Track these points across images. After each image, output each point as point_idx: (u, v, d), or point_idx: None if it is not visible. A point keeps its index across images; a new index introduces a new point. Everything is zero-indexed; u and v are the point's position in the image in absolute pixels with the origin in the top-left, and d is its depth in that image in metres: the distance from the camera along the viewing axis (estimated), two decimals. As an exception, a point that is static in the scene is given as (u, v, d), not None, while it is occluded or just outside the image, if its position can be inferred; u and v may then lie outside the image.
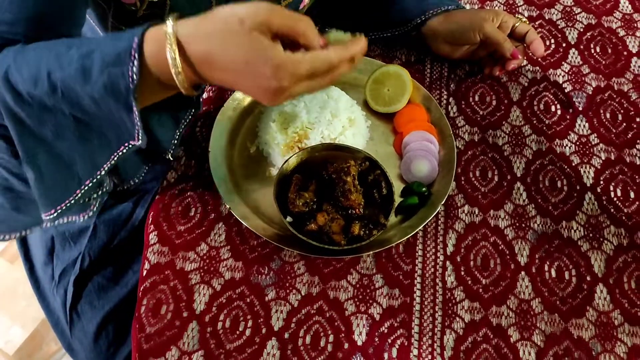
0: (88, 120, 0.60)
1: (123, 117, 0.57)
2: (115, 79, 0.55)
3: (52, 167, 0.64)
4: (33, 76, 0.57)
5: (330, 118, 0.78)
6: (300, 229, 0.70)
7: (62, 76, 0.56)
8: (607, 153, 0.83)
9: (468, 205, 0.78)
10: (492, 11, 0.86)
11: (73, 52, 0.57)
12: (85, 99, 0.57)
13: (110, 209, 0.92)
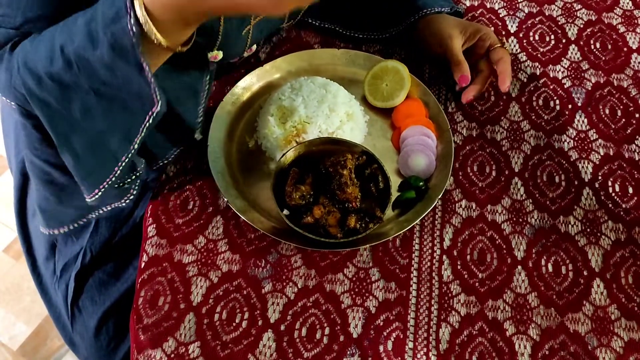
0: (109, 94, 0.61)
1: (138, 81, 0.57)
2: (118, 36, 0.54)
3: (87, 148, 0.65)
4: (48, 54, 0.59)
5: (328, 112, 0.79)
6: (297, 222, 0.70)
7: (74, 48, 0.57)
8: (606, 148, 0.83)
9: (465, 200, 0.78)
10: (474, 27, 0.84)
11: (80, 20, 0.58)
12: (99, 67, 0.58)
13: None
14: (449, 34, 0.83)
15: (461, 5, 0.97)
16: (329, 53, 0.88)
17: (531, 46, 0.93)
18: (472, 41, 0.83)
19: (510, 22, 0.95)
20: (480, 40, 0.83)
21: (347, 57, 0.88)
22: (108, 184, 0.67)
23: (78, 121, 0.64)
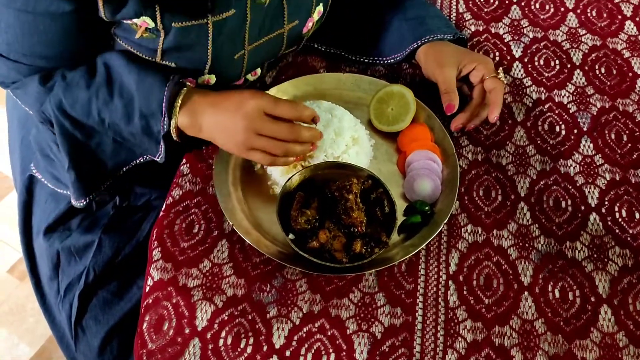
0: (124, 142, 0.80)
1: (151, 147, 0.78)
2: (150, 125, 0.74)
3: (91, 170, 0.83)
4: (85, 112, 0.76)
5: (334, 137, 0.79)
6: (302, 247, 0.70)
7: (110, 117, 0.76)
8: (612, 173, 0.83)
9: (471, 225, 0.78)
10: (471, 57, 0.84)
11: (116, 100, 0.75)
12: (126, 132, 0.77)
13: (115, 224, 0.93)
14: (442, 63, 0.83)
15: (466, 30, 0.98)
16: (334, 77, 0.89)
17: (536, 71, 0.93)
18: (467, 70, 0.83)
19: (515, 47, 0.96)
20: (476, 70, 0.83)
21: (352, 81, 0.89)
22: (96, 194, 0.84)
23: (90, 151, 0.81)
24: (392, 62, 0.90)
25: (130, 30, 0.71)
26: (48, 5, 0.68)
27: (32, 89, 0.78)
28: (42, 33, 0.72)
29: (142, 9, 0.66)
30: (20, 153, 1.00)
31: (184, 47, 0.72)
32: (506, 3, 1.01)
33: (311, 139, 0.75)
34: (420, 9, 0.90)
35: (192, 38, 0.71)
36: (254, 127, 0.72)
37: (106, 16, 0.68)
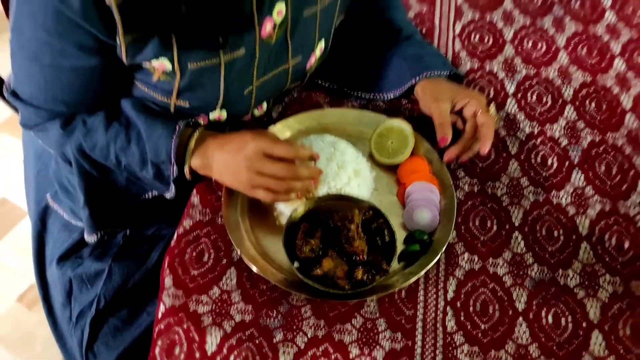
0: (137, 180, 0.89)
1: (162, 187, 0.86)
2: (162, 171, 0.82)
3: (104, 207, 0.90)
4: (104, 155, 0.84)
5: (337, 169, 0.83)
6: (307, 274, 0.74)
7: (126, 160, 0.83)
8: (602, 204, 0.87)
9: (468, 253, 0.82)
10: (464, 93, 0.89)
11: (133, 146, 0.82)
12: (140, 174, 0.85)
13: (125, 252, 0.97)
14: (438, 97, 0.88)
15: (462, 68, 1.03)
16: (337, 112, 0.94)
17: (529, 106, 0.98)
18: (461, 105, 0.88)
19: (509, 83, 1.01)
20: (469, 105, 0.87)
21: (354, 116, 0.93)
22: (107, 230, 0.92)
23: (105, 187, 0.88)
24: (391, 97, 0.95)
25: (148, 74, 0.77)
26: (74, 61, 0.74)
27: (53, 132, 0.84)
28: (65, 84, 0.78)
29: (161, 50, 0.72)
30: (35, 185, 1.04)
31: (197, 86, 0.77)
32: (500, 42, 1.07)
33: (310, 176, 0.79)
34: (418, 47, 0.95)
35: (206, 78, 0.76)
36: (255, 167, 0.77)
37: (127, 60, 0.73)
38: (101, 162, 0.85)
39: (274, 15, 0.78)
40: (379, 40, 0.97)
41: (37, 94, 0.79)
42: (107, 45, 0.72)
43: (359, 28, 0.98)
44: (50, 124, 0.83)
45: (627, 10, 1.12)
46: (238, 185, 0.80)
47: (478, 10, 1.11)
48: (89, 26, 0.68)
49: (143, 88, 0.80)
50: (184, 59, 0.74)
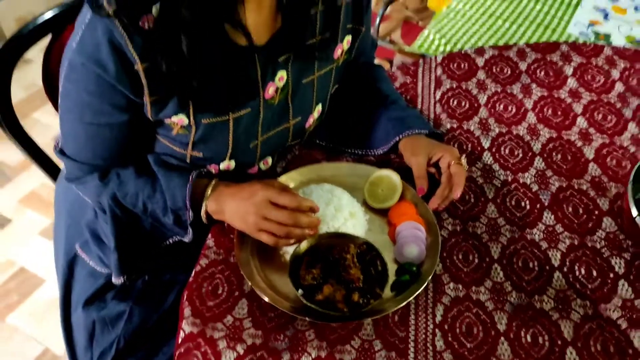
0: (160, 226, 1.01)
1: (181, 232, 0.98)
2: (180, 216, 0.95)
3: (131, 251, 1.01)
4: (133, 203, 0.97)
5: (334, 212, 0.95)
6: (310, 299, 0.84)
7: (151, 207, 0.96)
8: (571, 239, 0.98)
9: (453, 283, 0.92)
10: (440, 148, 1.01)
11: (158, 195, 0.95)
12: (163, 220, 0.97)
13: (144, 296, 1.07)
14: (416, 152, 1.01)
15: (443, 127, 1.17)
16: (333, 166, 1.07)
17: (502, 158, 1.11)
18: (436, 158, 1.00)
19: (484, 140, 1.15)
20: (443, 157, 1.00)
21: (348, 169, 1.06)
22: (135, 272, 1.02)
23: (132, 233, 1.00)
24: (380, 153, 1.08)
25: (168, 128, 0.91)
26: (109, 118, 0.89)
27: (92, 184, 0.97)
28: (102, 139, 0.92)
29: (179, 108, 0.86)
30: (65, 237, 1.15)
31: (210, 139, 0.91)
32: (475, 106, 1.22)
33: (309, 224, 0.89)
34: (402, 110, 1.10)
35: (217, 131, 0.90)
36: (262, 212, 0.88)
37: (152, 116, 0.87)
38: (130, 209, 0.98)
39: (276, 81, 0.93)
40: (368, 105, 1.12)
41: (80, 150, 0.93)
42: (136, 103, 0.86)
43: (352, 95, 1.13)
44: (90, 177, 0.96)
45: (587, 77, 1.28)
46: (246, 228, 0.91)
47: (455, 80, 1.27)
48: (122, 87, 0.83)
49: (164, 141, 0.94)
50: (198, 115, 0.88)
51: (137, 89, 0.84)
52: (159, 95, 0.85)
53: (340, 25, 0.99)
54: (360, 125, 1.11)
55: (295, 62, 0.94)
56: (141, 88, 0.84)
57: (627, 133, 1.16)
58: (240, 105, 0.90)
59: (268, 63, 0.91)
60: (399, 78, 1.28)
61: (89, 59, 0.81)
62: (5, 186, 2.30)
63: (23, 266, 2.05)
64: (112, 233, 0.98)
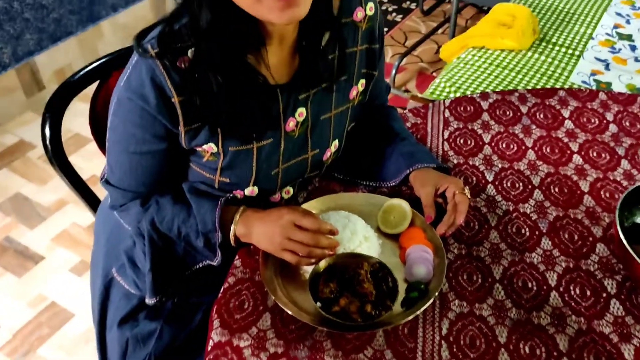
0: (192, 249, 1.11)
1: (211, 255, 1.09)
2: (210, 239, 1.06)
3: (164, 274, 1.11)
4: (169, 227, 1.08)
5: (350, 235, 1.05)
6: (328, 310, 0.94)
7: (185, 231, 1.07)
8: (567, 262, 1.07)
9: (458, 300, 1.01)
10: (446, 180, 1.11)
11: (192, 219, 1.06)
12: (195, 243, 1.08)
13: (174, 315, 1.17)
14: (424, 184, 1.12)
15: (450, 162, 1.28)
16: (350, 195, 1.18)
17: (505, 190, 1.21)
18: (442, 189, 1.11)
19: (488, 174, 1.25)
20: (448, 188, 1.10)
21: (363, 198, 1.17)
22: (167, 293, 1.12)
23: (167, 257, 1.11)
24: (392, 184, 1.19)
25: (200, 156, 1.03)
26: (150, 146, 1.01)
27: (134, 210, 1.09)
28: (144, 167, 1.04)
29: (210, 137, 0.99)
30: (103, 263, 1.26)
31: (235, 165, 1.03)
32: (480, 144, 1.33)
33: (328, 245, 1.00)
34: (412, 146, 1.21)
35: (242, 158, 1.02)
36: (286, 234, 0.99)
37: (185, 144, 1.00)
38: (166, 234, 1.09)
39: (297, 116, 1.05)
40: (382, 142, 1.23)
41: (125, 178, 1.05)
42: (173, 133, 0.99)
43: (367, 133, 1.25)
44: (132, 204, 1.08)
45: (582, 119, 1.39)
46: (271, 248, 1.02)
47: (462, 121, 1.39)
48: (161, 118, 0.96)
49: (196, 168, 1.06)
50: (226, 144, 1.01)
51: (174, 120, 0.97)
52: (192, 125, 0.98)
53: (355, 70, 1.12)
54: (375, 160, 1.22)
55: (314, 100, 1.07)
56: (177, 119, 0.97)
57: (619, 169, 1.26)
58: (263, 136, 1.03)
59: (289, 100, 1.04)
60: (410, 119, 1.40)
61: (134, 94, 0.95)
62: (39, 225, 2.44)
63: (54, 301, 2.15)
64: (149, 256, 1.09)
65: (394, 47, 3.43)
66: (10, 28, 2.79)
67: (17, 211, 2.49)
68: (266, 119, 1.02)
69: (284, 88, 1.03)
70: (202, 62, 0.93)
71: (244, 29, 0.93)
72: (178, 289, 1.15)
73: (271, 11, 0.86)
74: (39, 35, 2.92)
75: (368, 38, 1.12)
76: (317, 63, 1.03)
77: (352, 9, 1.08)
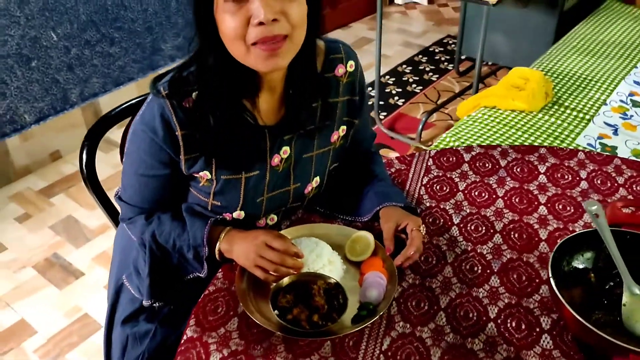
0: (184, 261, 1.28)
1: (199, 267, 1.26)
2: (199, 252, 1.23)
3: (159, 280, 1.28)
4: (166, 240, 1.25)
5: (315, 258, 1.21)
6: (282, 317, 1.09)
7: (179, 244, 1.24)
8: (510, 299, 1.18)
9: (403, 322, 1.14)
10: (407, 218, 1.26)
11: (185, 234, 1.23)
12: (187, 255, 1.25)
13: (167, 319, 1.35)
14: (388, 220, 1.27)
15: (424, 204, 1.42)
16: (325, 226, 1.34)
17: (467, 232, 1.34)
18: (403, 225, 1.25)
19: (455, 217, 1.38)
20: (408, 225, 1.24)
21: (336, 229, 1.33)
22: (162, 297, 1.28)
23: (162, 266, 1.29)
24: (365, 220, 1.34)
25: (197, 181, 1.22)
26: (156, 171, 1.22)
27: (139, 223, 1.29)
28: (150, 187, 1.25)
29: (205, 166, 1.18)
30: (117, 270, 1.47)
31: (226, 191, 1.22)
32: (454, 190, 1.47)
33: (292, 265, 1.16)
34: (386, 187, 1.37)
35: (231, 186, 1.21)
36: (259, 252, 1.16)
37: (185, 171, 1.20)
38: (164, 245, 1.28)
39: (281, 153, 1.24)
40: (361, 182, 1.40)
41: (134, 196, 1.26)
42: (175, 161, 1.19)
43: (349, 173, 1.42)
44: (138, 217, 1.29)
45: (557, 175, 1.51)
46: (246, 263, 1.19)
47: (442, 169, 1.54)
48: (166, 148, 1.16)
49: (193, 191, 1.26)
50: (219, 172, 1.20)
51: (177, 150, 1.17)
52: (191, 155, 1.18)
53: (336, 117, 1.30)
54: (353, 197, 1.38)
55: (297, 140, 1.26)
56: (179, 149, 1.17)
57: (581, 221, 1.37)
58: (251, 168, 1.21)
59: (275, 139, 1.23)
60: (395, 165, 1.56)
61: (146, 127, 1.16)
62: (83, 245, 2.70)
63: (87, 312, 2.38)
64: (148, 263, 1.28)
65: (426, 104, 3.61)
66: (80, 72, 3.16)
67: (67, 231, 2.78)
68: (254, 154, 1.21)
69: (272, 129, 1.22)
70: (203, 104, 1.14)
71: (239, 78, 1.13)
72: (171, 295, 1.34)
73: (257, 60, 1.06)
74: (104, 80, 3.28)
75: (349, 90, 1.31)
76: (300, 111, 1.22)
77: (334, 65, 1.27)
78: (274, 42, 1.04)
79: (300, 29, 1.08)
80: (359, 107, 1.35)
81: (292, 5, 1.04)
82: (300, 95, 1.22)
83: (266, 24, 1.01)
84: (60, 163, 3.20)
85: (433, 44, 4.43)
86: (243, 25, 1.03)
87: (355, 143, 1.41)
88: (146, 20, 3.35)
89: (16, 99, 2.96)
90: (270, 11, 1.01)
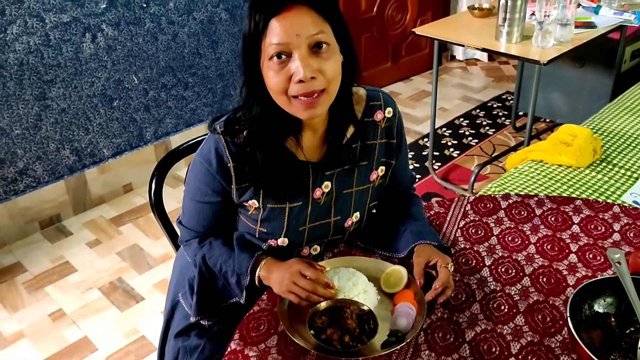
0: (227, 285, 1.39)
1: (239, 293, 1.36)
2: (240, 279, 1.34)
3: (205, 299, 1.41)
4: (214, 263, 1.39)
5: (351, 286, 1.33)
6: (317, 337, 1.21)
7: (224, 269, 1.37)
8: (533, 337, 1.25)
9: (428, 350, 1.23)
10: (438, 255, 1.35)
11: (231, 260, 1.35)
12: (230, 279, 1.36)
13: (216, 336, 1.48)
14: (419, 256, 1.37)
15: (458, 245, 1.51)
16: (364, 259, 1.45)
17: (497, 274, 1.42)
18: (433, 262, 1.34)
19: (487, 259, 1.47)
20: (437, 262, 1.33)
21: (373, 262, 1.44)
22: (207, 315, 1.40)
23: (209, 287, 1.41)
24: (402, 256, 1.45)
25: (246, 209, 1.38)
26: (209, 198, 1.38)
27: (194, 246, 1.45)
28: (204, 213, 1.41)
29: (254, 195, 1.33)
30: (174, 288, 1.62)
31: (271, 219, 1.36)
32: (489, 234, 1.55)
33: (323, 294, 1.27)
34: (422, 226, 1.47)
35: (276, 214, 1.35)
36: (293, 279, 1.28)
37: (236, 199, 1.35)
38: (212, 268, 1.42)
39: (323, 187, 1.38)
40: (399, 221, 1.51)
41: (191, 220, 1.43)
42: (226, 190, 1.35)
43: (388, 213, 1.54)
44: (193, 240, 1.45)
45: (590, 226, 1.57)
46: (280, 289, 1.31)
47: (479, 215, 1.63)
48: (219, 178, 1.33)
49: (243, 219, 1.41)
50: (265, 201, 1.34)
51: (229, 180, 1.33)
52: (241, 185, 1.34)
53: (375, 158, 1.43)
54: (390, 234, 1.50)
55: (338, 177, 1.39)
56: (231, 179, 1.33)
57: (609, 271, 1.42)
58: (294, 199, 1.36)
59: (317, 174, 1.37)
60: (435, 208, 1.66)
61: (203, 159, 1.33)
62: (146, 272, 2.90)
63: (144, 335, 2.55)
64: (197, 282, 1.42)
65: (480, 157, 3.68)
66: (155, 113, 3.44)
67: (132, 258, 2.99)
68: (298, 186, 1.36)
69: (314, 165, 1.37)
70: (252, 141, 1.30)
71: (283, 121, 1.29)
72: (216, 315, 1.46)
73: (297, 111, 1.22)
74: (176, 121, 3.55)
75: (387, 134, 1.45)
76: (340, 150, 1.36)
77: (374, 111, 1.42)
78: (312, 96, 1.20)
79: (335, 82, 1.24)
80: (397, 149, 1.48)
81: (328, 62, 1.20)
82: (339, 136, 1.37)
83: (305, 81, 1.18)
84: (131, 195, 3.46)
85: (491, 99, 4.52)
86: (285, 80, 1.20)
87: (395, 183, 1.53)
88: (218, 67, 3.63)
89: (97, 134, 3.26)
90: (310, 70, 1.17)
